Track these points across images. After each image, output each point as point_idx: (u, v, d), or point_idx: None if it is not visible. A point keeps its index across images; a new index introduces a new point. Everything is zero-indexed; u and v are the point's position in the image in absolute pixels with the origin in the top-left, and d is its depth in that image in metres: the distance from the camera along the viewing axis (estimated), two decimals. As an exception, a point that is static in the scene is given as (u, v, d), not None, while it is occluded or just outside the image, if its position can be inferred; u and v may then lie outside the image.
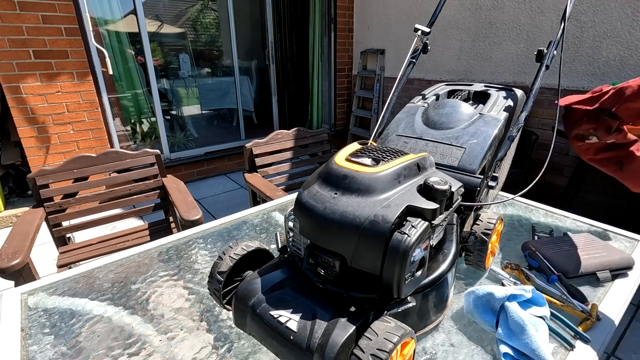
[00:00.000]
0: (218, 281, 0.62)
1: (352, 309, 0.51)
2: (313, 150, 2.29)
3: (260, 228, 1.10)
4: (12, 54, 2.60)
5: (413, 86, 3.95)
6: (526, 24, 2.96)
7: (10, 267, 1.16)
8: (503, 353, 0.60)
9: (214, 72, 6.17)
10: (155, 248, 0.97)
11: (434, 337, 0.66)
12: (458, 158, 0.91)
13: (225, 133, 5.45)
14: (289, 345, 0.50)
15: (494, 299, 0.66)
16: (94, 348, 0.64)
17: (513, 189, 1.12)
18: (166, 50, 5.71)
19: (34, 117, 2.79)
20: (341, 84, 4.83)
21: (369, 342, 0.47)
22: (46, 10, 2.65)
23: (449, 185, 0.54)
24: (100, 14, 3.35)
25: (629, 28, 2.42)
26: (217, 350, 0.64)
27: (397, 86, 1.27)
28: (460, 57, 3.50)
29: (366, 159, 0.58)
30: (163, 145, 3.70)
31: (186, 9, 6.35)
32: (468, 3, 3.31)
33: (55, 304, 0.76)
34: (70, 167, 1.68)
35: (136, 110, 3.99)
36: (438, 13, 1.37)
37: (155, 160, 1.88)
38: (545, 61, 1.08)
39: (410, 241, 0.48)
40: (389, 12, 4.09)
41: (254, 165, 2.01)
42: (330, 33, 4.50)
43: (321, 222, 0.53)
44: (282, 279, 0.58)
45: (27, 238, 1.32)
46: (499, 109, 1.02)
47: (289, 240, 0.64)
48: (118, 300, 0.77)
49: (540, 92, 1.64)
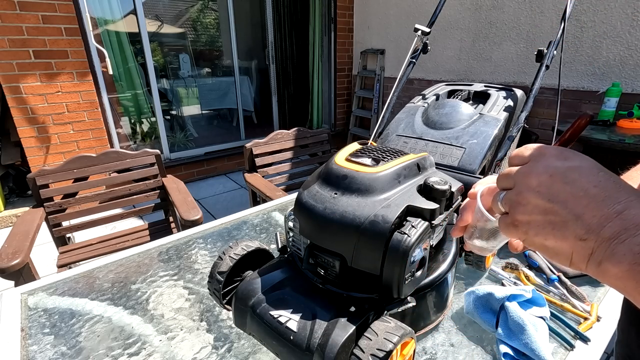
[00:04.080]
0: (218, 281, 0.62)
1: (352, 309, 0.51)
2: (313, 150, 2.29)
3: (260, 228, 1.10)
4: (12, 54, 2.60)
5: (413, 86, 3.95)
6: (526, 24, 2.96)
7: (10, 267, 1.16)
8: (503, 353, 0.60)
9: (214, 72, 6.17)
10: (155, 248, 0.97)
11: (434, 337, 0.66)
12: (458, 158, 0.91)
13: (225, 133, 5.45)
14: (289, 345, 0.50)
15: (494, 299, 0.66)
16: (94, 348, 0.64)
17: (513, 189, 1.11)
18: (166, 50, 5.71)
19: (34, 117, 2.79)
20: (341, 84, 4.83)
21: (369, 342, 0.47)
22: (46, 10, 2.65)
23: (449, 185, 0.54)
24: (100, 14, 3.35)
25: (629, 28, 2.42)
26: (217, 350, 0.64)
27: (397, 86, 1.27)
28: (460, 57, 3.50)
29: (366, 159, 0.58)
30: (163, 145, 3.70)
31: (186, 9, 6.35)
32: (468, 3, 3.31)
33: (55, 304, 0.76)
34: (70, 167, 1.68)
35: (136, 110, 3.99)
36: (438, 13, 1.37)
37: (155, 160, 1.88)
38: (545, 61, 1.08)
39: (410, 241, 0.48)
40: (389, 12, 4.09)
41: (254, 165, 2.01)
42: (330, 33, 4.50)
43: (321, 222, 0.53)
44: (282, 279, 0.58)
45: (27, 238, 1.32)
46: (499, 109, 1.02)
47: (289, 240, 0.64)
48: (118, 300, 0.77)
49: (540, 92, 1.64)
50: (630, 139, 1.99)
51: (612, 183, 0.29)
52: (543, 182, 0.32)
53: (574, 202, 0.30)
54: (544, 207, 0.32)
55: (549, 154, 0.33)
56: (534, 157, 0.34)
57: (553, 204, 0.31)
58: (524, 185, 0.33)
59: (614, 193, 0.29)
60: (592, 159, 0.32)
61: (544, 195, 0.32)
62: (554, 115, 1.00)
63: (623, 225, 0.27)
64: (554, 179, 0.31)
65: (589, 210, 0.29)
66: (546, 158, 0.33)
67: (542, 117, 2.97)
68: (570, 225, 0.30)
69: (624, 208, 0.28)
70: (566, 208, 0.30)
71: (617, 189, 0.29)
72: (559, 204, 0.31)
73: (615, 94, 2.36)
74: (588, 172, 0.31)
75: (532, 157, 0.34)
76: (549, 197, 0.31)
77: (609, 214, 0.28)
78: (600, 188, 0.29)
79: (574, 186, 0.30)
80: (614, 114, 2.39)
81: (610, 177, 0.30)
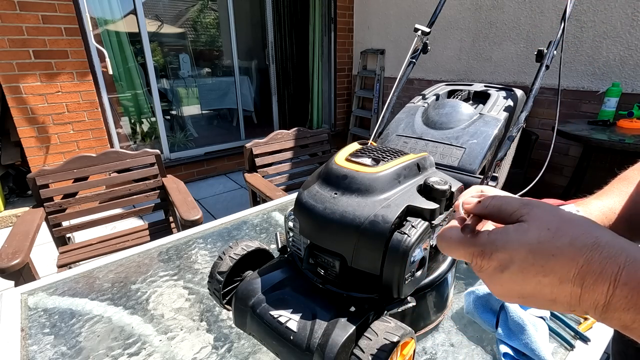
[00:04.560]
0: (218, 281, 0.62)
1: (352, 309, 0.51)
2: (313, 150, 2.29)
3: (260, 228, 1.10)
4: (12, 54, 2.60)
5: (413, 86, 3.95)
6: (526, 24, 2.96)
7: (10, 267, 1.16)
8: (503, 353, 0.60)
9: (214, 72, 6.17)
10: (155, 248, 0.97)
11: (434, 337, 0.66)
12: (458, 158, 0.91)
13: (225, 133, 5.45)
14: (289, 345, 0.50)
15: (494, 299, 0.66)
16: (94, 348, 0.64)
17: (513, 189, 1.12)
18: (166, 50, 5.71)
19: (34, 117, 2.79)
20: (341, 84, 4.83)
21: (369, 342, 0.47)
22: (46, 10, 2.65)
23: (449, 185, 0.54)
24: (100, 14, 3.35)
25: (629, 28, 2.42)
26: (217, 350, 0.64)
27: (397, 86, 1.27)
28: (460, 57, 3.50)
29: (366, 159, 0.58)
30: (163, 145, 3.70)
31: (186, 9, 6.35)
32: (468, 3, 3.31)
33: (55, 304, 0.76)
34: (70, 167, 1.68)
35: (136, 110, 3.99)
36: (438, 13, 1.37)
37: (155, 160, 1.88)
38: (545, 61, 1.08)
39: (410, 241, 0.48)
40: (389, 12, 4.09)
41: (254, 165, 2.01)
42: (330, 33, 4.50)
43: (321, 222, 0.53)
44: (282, 279, 0.58)
45: (27, 238, 1.32)
46: (499, 109, 1.02)
47: (289, 240, 0.64)
48: (118, 300, 0.77)
49: (540, 92, 1.64)
50: (630, 139, 1.99)
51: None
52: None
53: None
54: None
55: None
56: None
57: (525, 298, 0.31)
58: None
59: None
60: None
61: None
62: (554, 115, 1.00)
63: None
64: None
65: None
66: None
67: (542, 117, 2.96)
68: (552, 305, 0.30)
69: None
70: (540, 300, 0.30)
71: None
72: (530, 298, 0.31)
73: (615, 94, 2.36)
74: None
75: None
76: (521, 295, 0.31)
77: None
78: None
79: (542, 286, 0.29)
80: (614, 114, 2.39)
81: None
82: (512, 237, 0.30)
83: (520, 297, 0.31)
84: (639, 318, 0.25)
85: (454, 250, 0.35)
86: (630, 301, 0.25)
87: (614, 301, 0.26)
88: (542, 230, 0.29)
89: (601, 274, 0.26)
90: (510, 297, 0.32)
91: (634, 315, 0.25)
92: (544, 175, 1.01)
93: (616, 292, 0.25)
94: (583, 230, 0.28)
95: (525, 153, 2.74)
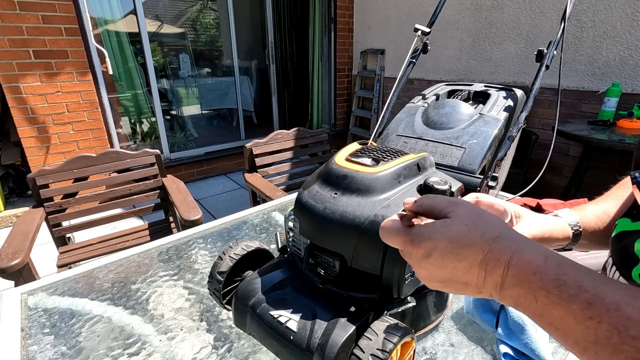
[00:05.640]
0: (218, 281, 0.62)
1: (352, 309, 0.51)
2: (313, 150, 2.29)
3: (260, 228, 1.10)
4: (12, 54, 2.60)
5: (413, 86, 3.95)
6: (526, 24, 2.96)
7: (10, 267, 1.16)
8: (503, 353, 0.60)
9: (214, 72, 6.17)
10: (155, 248, 0.97)
11: (434, 337, 0.66)
12: (458, 158, 0.91)
13: (225, 133, 5.45)
14: (289, 345, 0.50)
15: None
16: (94, 348, 0.64)
17: (513, 189, 1.12)
18: (166, 50, 5.71)
19: (34, 117, 2.79)
20: (341, 84, 4.83)
21: (369, 342, 0.47)
22: (46, 10, 2.65)
23: (449, 185, 0.54)
24: (100, 14, 3.35)
25: (629, 28, 2.42)
26: (217, 350, 0.64)
27: (397, 86, 1.27)
28: (460, 57, 3.50)
29: (366, 159, 0.58)
30: (163, 145, 3.70)
31: (186, 9, 6.36)
32: (468, 3, 3.31)
33: (55, 304, 0.76)
34: (70, 167, 1.68)
35: (136, 110, 3.99)
36: (438, 13, 1.37)
37: (155, 160, 1.88)
38: (545, 61, 1.08)
39: (410, 241, 0.48)
40: (389, 12, 4.09)
41: (254, 165, 2.01)
42: (330, 33, 4.50)
43: (321, 222, 0.53)
44: (282, 279, 0.58)
45: (27, 238, 1.32)
46: (499, 109, 1.02)
47: (289, 240, 0.64)
48: (118, 300, 0.77)
49: (540, 92, 1.64)
50: (630, 139, 1.99)
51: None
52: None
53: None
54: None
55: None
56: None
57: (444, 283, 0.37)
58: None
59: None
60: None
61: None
62: (554, 115, 1.00)
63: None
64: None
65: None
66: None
67: (542, 117, 2.97)
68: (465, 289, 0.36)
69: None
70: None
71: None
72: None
73: (615, 94, 2.36)
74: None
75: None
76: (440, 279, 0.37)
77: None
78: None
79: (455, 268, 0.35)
80: (614, 114, 2.39)
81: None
82: (437, 229, 0.36)
83: (441, 281, 0.37)
84: (523, 292, 0.30)
85: (391, 238, 0.40)
86: (517, 278, 0.31)
87: (506, 280, 0.32)
88: (461, 226, 0.35)
89: (499, 259, 0.32)
90: (433, 281, 0.38)
91: (519, 290, 0.31)
92: (544, 175, 1.01)
93: (508, 273, 0.31)
94: (492, 227, 0.34)
95: (525, 153, 2.74)
